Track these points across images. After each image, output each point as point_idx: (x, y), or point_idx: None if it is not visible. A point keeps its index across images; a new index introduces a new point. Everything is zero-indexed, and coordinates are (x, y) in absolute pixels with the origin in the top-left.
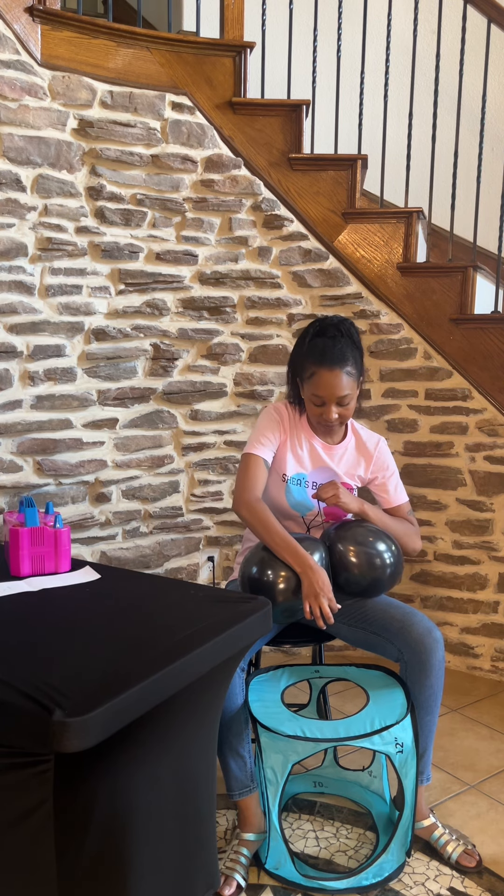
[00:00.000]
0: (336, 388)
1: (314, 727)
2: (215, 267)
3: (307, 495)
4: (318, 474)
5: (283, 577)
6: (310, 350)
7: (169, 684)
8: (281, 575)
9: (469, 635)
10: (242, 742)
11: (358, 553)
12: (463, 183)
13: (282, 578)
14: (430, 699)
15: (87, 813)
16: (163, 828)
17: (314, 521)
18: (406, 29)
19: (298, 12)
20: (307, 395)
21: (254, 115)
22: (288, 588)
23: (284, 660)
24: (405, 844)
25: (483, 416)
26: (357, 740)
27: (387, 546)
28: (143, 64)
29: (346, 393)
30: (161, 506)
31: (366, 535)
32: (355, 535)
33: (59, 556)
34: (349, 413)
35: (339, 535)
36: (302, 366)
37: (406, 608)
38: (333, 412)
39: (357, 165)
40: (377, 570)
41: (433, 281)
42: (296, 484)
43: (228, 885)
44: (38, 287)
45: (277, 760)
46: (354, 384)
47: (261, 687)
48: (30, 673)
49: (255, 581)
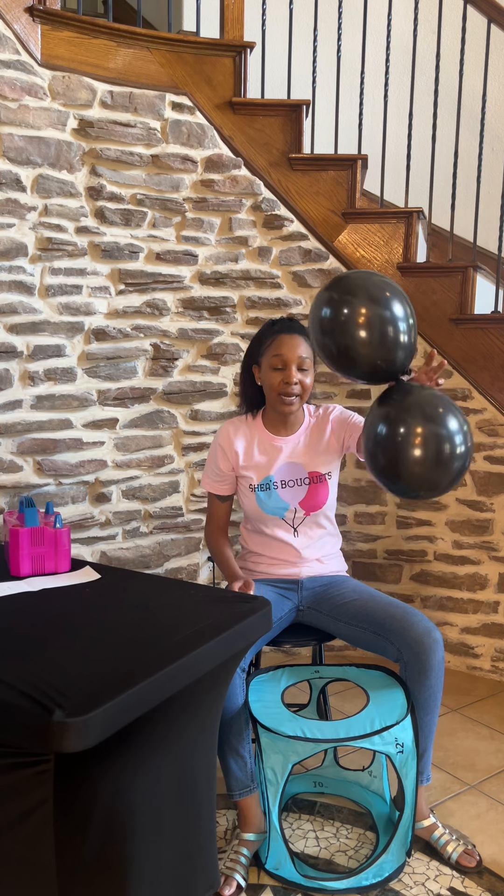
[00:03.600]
0: (296, 347)
1: (314, 728)
2: (215, 267)
3: (279, 497)
4: (283, 471)
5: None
6: (265, 331)
7: (169, 684)
8: None
9: (469, 635)
10: (243, 742)
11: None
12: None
13: None
14: (430, 699)
15: (86, 813)
16: (163, 828)
17: (295, 517)
18: (406, 29)
19: (298, 12)
20: (267, 365)
21: (254, 115)
22: None
23: (284, 660)
24: (405, 844)
25: (483, 416)
26: (357, 741)
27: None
28: (143, 64)
29: (305, 356)
30: (161, 506)
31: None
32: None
33: (59, 556)
34: (307, 387)
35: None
36: (259, 344)
37: (406, 608)
38: (294, 375)
39: (357, 165)
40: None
41: (433, 281)
42: (264, 490)
43: (228, 885)
44: (38, 287)
45: (278, 761)
46: (311, 356)
47: (261, 687)
48: (30, 673)
49: None
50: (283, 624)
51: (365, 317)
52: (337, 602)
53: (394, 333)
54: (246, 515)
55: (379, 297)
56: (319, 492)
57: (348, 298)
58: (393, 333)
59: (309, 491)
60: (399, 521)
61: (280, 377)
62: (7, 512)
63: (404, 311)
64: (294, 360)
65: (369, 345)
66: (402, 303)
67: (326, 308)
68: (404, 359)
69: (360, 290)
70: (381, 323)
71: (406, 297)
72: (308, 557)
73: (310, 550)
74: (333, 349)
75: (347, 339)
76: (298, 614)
